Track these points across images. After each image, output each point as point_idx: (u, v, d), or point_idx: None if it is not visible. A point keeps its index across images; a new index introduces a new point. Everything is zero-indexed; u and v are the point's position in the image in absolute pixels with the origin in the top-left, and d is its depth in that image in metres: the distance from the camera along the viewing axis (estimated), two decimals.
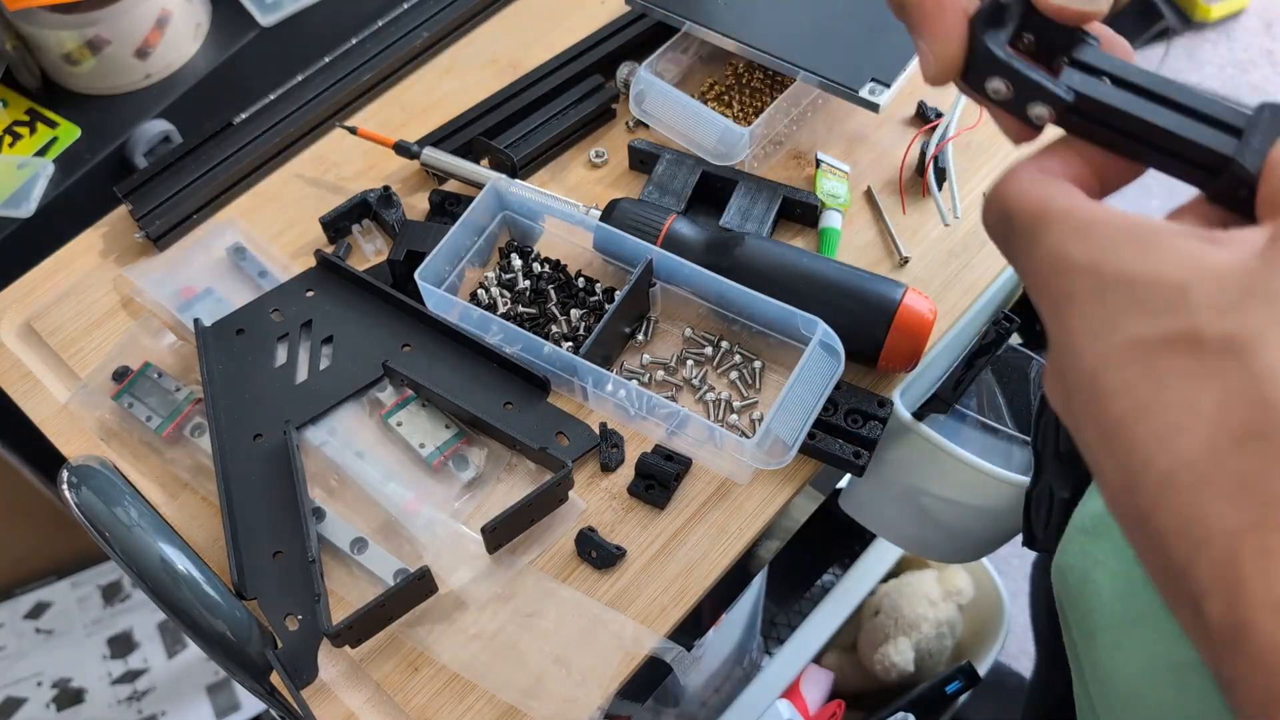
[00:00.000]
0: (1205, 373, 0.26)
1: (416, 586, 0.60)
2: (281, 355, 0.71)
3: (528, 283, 0.73)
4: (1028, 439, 0.67)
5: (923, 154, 0.77)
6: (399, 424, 0.68)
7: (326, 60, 0.86)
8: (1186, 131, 0.32)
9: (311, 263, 0.75)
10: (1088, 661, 0.44)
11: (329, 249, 0.77)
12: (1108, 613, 0.42)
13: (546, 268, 0.74)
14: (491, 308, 0.72)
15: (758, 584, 1.01)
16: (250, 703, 1.22)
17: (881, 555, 1.15)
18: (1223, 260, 0.27)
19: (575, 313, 0.71)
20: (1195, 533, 0.26)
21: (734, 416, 0.68)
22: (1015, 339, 0.81)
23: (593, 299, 0.72)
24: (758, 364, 0.70)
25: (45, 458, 0.71)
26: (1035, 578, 1.06)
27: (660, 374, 0.70)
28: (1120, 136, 0.33)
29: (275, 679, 0.60)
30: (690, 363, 0.70)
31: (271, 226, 0.79)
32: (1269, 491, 0.25)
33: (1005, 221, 0.32)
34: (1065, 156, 0.34)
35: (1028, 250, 0.31)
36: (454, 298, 0.70)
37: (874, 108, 0.72)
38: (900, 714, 1.02)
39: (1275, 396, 0.25)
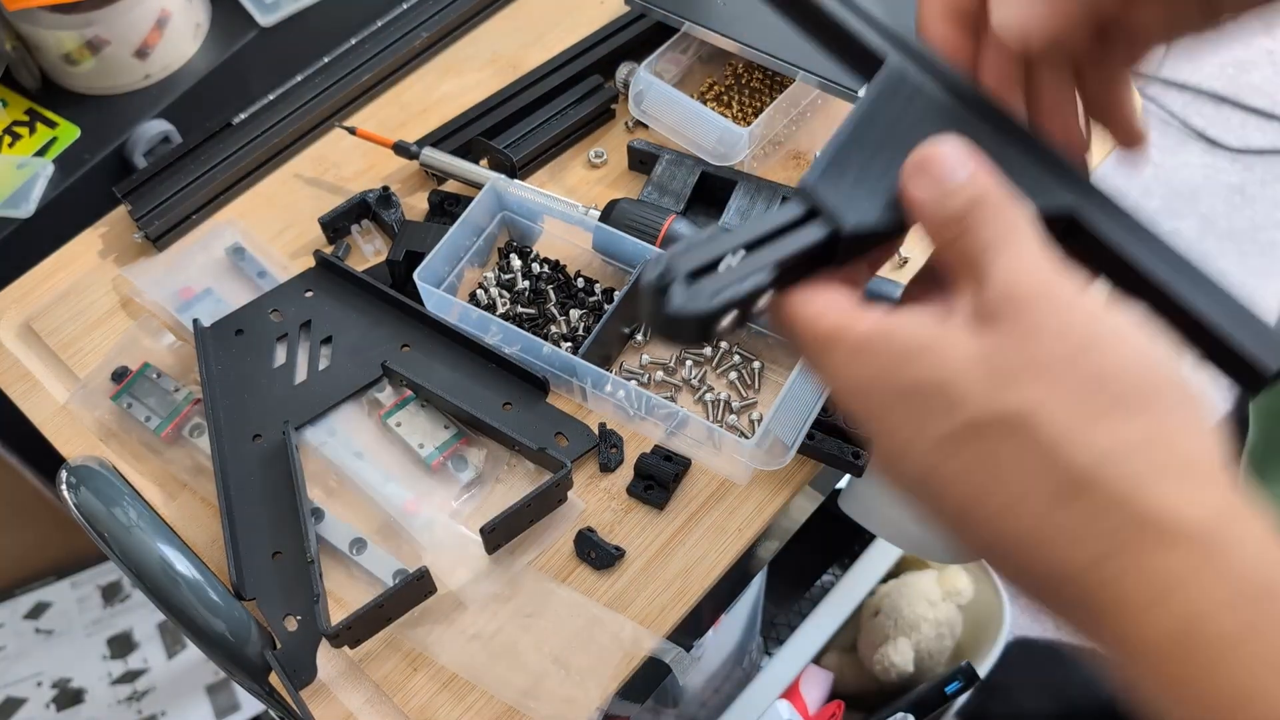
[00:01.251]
0: (1006, 451, 0.31)
1: (415, 587, 0.60)
2: (281, 355, 0.71)
3: (527, 283, 0.73)
4: None
5: None
6: (398, 424, 0.68)
7: (326, 60, 0.85)
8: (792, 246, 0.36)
9: (311, 263, 0.75)
10: None
11: (328, 249, 0.77)
12: None
13: (546, 268, 0.74)
14: (490, 308, 0.72)
15: (757, 584, 1.01)
16: (250, 703, 1.22)
17: (881, 555, 1.15)
18: (958, 350, 0.31)
19: (574, 313, 0.71)
20: (1057, 575, 0.31)
21: (733, 417, 0.68)
22: None
23: (592, 299, 0.72)
24: (757, 364, 0.70)
25: (45, 458, 0.71)
26: None
27: (659, 374, 0.70)
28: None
29: (274, 679, 0.60)
30: (689, 363, 0.70)
31: (271, 227, 0.79)
32: (1100, 530, 0.30)
33: (792, 336, 0.36)
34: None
35: (817, 365, 0.35)
36: (453, 298, 0.70)
37: None
38: (900, 714, 1.02)
39: (1069, 458, 0.30)
